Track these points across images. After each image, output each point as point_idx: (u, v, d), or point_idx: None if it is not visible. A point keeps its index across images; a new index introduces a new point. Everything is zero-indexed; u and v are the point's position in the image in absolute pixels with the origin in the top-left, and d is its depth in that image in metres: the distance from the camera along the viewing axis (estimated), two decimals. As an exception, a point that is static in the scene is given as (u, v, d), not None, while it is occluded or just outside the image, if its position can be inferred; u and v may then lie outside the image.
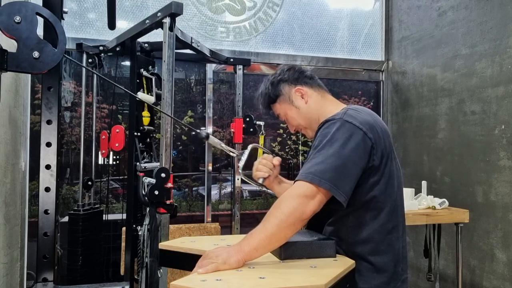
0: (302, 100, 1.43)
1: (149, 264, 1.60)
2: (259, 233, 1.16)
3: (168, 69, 2.04)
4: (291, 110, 1.45)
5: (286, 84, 1.45)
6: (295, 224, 1.15)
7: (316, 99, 1.44)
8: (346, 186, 1.19)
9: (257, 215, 3.62)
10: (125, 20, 3.20)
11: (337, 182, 1.17)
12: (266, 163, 1.46)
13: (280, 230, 1.15)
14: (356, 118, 1.26)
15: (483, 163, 2.79)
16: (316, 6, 3.68)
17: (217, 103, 3.50)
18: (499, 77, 2.68)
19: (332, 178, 1.16)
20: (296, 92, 1.44)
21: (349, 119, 1.24)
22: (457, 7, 3.04)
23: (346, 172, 1.19)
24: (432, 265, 2.82)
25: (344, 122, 1.24)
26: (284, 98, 1.45)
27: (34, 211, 2.83)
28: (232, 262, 1.12)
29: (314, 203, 1.17)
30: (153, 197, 1.52)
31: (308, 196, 1.16)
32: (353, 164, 1.20)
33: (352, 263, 1.22)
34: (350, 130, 1.22)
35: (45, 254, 2.07)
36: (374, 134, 1.25)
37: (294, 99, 1.44)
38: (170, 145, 2.05)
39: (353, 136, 1.21)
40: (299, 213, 1.15)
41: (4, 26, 1.14)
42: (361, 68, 3.81)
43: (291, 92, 1.44)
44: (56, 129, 2.11)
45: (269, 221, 1.16)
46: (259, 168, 1.47)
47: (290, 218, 1.14)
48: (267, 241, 1.15)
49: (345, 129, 1.22)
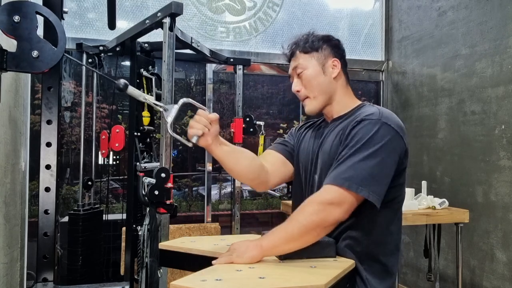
0: (332, 72, 1.34)
1: (149, 264, 1.59)
2: (280, 232, 1.16)
3: (168, 69, 2.04)
4: (314, 70, 1.33)
5: (329, 48, 1.35)
6: (316, 230, 1.14)
7: (342, 83, 1.37)
8: (382, 190, 1.17)
9: (257, 215, 3.62)
10: (125, 20, 3.20)
11: (374, 188, 1.15)
12: (200, 119, 1.25)
13: (300, 234, 1.14)
14: (392, 120, 1.23)
15: (483, 163, 2.78)
16: (316, 6, 3.68)
17: (217, 103, 3.50)
18: (499, 77, 2.68)
19: (369, 184, 1.14)
20: (333, 63, 1.34)
21: (387, 121, 1.21)
22: (457, 7, 3.04)
23: (383, 178, 1.17)
24: (432, 265, 2.82)
25: (382, 124, 1.20)
26: (318, 56, 1.33)
27: (34, 211, 2.83)
28: (246, 257, 1.13)
29: (341, 211, 1.14)
30: (153, 197, 1.52)
31: (334, 203, 1.14)
32: (389, 169, 1.19)
33: (352, 263, 1.22)
34: (389, 133, 1.19)
35: (45, 254, 2.07)
36: (406, 139, 1.24)
37: (326, 65, 1.33)
38: (170, 145, 2.05)
39: (391, 140, 1.19)
40: (322, 220, 1.14)
41: (4, 26, 1.14)
42: (361, 68, 3.81)
43: (329, 58, 1.34)
44: (56, 129, 2.10)
45: (291, 223, 1.16)
46: (192, 125, 1.26)
47: (311, 224, 1.13)
48: (286, 242, 1.15)
49: (384, 132, 1.19)
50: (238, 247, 1.17)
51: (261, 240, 1.17)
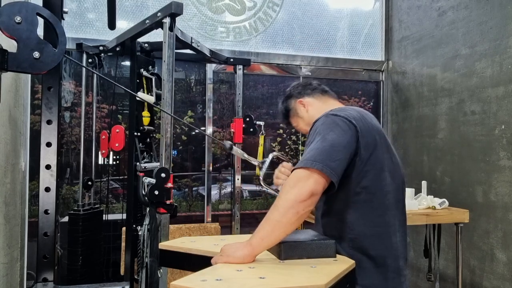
0: (304, 109, 1.60)
1: (149, 264, 1.60)
2: (263, 224, 1.21)
3: (168, 69, 2.04)
4: (297, 121, 1.64)
5: (292, 99, 1.64)
6: (293, 206, 1.17)
7: (317, 106, 1.58)
8: (337, 167, 1.22)
9: (257, 215, 3.62)
10: (125, 20, 3.20)
11: (328, 163, 1.20)
12: (285, 171, 1.54)
13: (281, 215, 1.17)
14: (340, 111, 1.35)
15: (483, 163, 2.79)
16: (316, 6, 3.68)
17: (217, 103, 3.50)
18: (499, 77, 2.68)
19: (323, 159, 1.21)
20: (299, 104, 1.61)
21: (333, 112, 1.35)
22: (457, 7, 3.05)
23: (335, 154, 1.23)
24: (432, 265, 2.82)
25: (328, 115, 1.34)
26: (293, 112, 1.64)
27: (34, 211, 2.83)
28: (237, 256, 1.17)
29: (309, 183, 1.19)
30: (153, 197, 1.52)
31: (302, 178, 1.19)
32: (341, 147, 1.25)
33: (352, 263, 1.22)
34: (334, 121, 1.31)
35: (45, 254, 2.07)
36: (358, 123, 1.30)
37: (299, 110, 1.62)
38: (170, 145, 2.05)
39: (337, 124, 1.30)
40: (295, 195, 1.17)
41: (5, 26, 1.14)
42: (361, 68, 3.81)
43: (296, 105, 1.62)
44: (56, 129, 2.11)
45: (271, 211, 1.20)
46: (278, 176, 1.54)
47: (287, 202, 1.17)
48: (271, 229, 1.18)
49: (329, 120, 1.32)
50: (228, 248, 1.21)
51: (250, 239, 1.21)
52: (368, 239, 1.29)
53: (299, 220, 1.19)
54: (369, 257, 1.29)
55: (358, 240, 1.30)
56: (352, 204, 1.31)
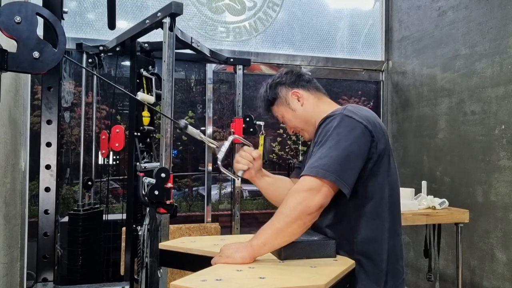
0: (298, 103, 1.47)
1: (149, 264, 1.59)
2: (267, 229, 1.18)
3: (168, 69, 2.04)
4: (287, 113, 1.49)
5: (283, 87, 1.49)
6: (301, 218, 1.16)
7: (312, 102, 1.47)
8: (350, 178, 1.20)
9: (257, 215, 3.62)
10: (125, 20, 3.20)
11: (341, 174, 1.18)
12: (245, 155, 1.46)
13: (287, 224, 1.16)
14: (356, 113, 1.28)
15: (483, 163, 2.79)
16: (316, 6, 3.68)
17: (217, 103, 3.50)
18: (499, 77, 2.68)
19: (336, 170, 1.17)
20: (293, 95, 1.47)
21: (349, 114, 1.26)
22: (457, 7, 3.05)
23: (349, 164, 1.20)
24: (432, 265, 2.82)
25: (344, 117, 1.26)
26: (281, 101, 1.49)
27: (34, 211, 2.83)
28: (237, 257, 1.16)
29: (320, 196, 1.17)
30: (153, 197, 1.52)
31: (313, 189, 1.17)
32: (355, 157, 1.22)
33: (352, 263, 1.22)
34: (351, 124, 1.24)
35: (45, 254, 2.07)
36: (373, 128, 1.27)
37: (291, 102, 1.47)
38: (170, 145, 2.05)
39: (354, 129, 1.23)
40: (305, 207, 1.15)
41: (4, 26, 1.14)
42: (361, 68, 3.81)
43: (288, 95, 1.48)
44: (56, 129, 2.10)
45: (276, 216, 1.18)
46: (238, 160, 1.47)
47: (295, 212, 1.15)
48: (274, 236, 1.17)
49: (345, 123, 1.24)
50: (227, 249, 1.20)
51: (251, 240, 1.19)
52: (372, 243, 1.28)
53: (303, 230, 1.18)
54: (371, 260, 1.27)
55: (361, 244, 1.27)
56: (357, 208, 1.28)
